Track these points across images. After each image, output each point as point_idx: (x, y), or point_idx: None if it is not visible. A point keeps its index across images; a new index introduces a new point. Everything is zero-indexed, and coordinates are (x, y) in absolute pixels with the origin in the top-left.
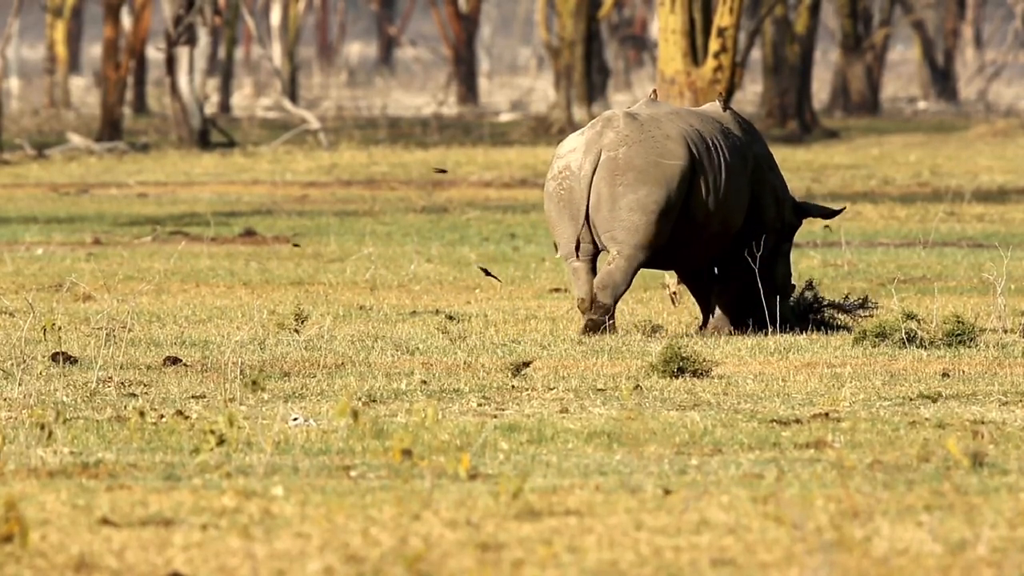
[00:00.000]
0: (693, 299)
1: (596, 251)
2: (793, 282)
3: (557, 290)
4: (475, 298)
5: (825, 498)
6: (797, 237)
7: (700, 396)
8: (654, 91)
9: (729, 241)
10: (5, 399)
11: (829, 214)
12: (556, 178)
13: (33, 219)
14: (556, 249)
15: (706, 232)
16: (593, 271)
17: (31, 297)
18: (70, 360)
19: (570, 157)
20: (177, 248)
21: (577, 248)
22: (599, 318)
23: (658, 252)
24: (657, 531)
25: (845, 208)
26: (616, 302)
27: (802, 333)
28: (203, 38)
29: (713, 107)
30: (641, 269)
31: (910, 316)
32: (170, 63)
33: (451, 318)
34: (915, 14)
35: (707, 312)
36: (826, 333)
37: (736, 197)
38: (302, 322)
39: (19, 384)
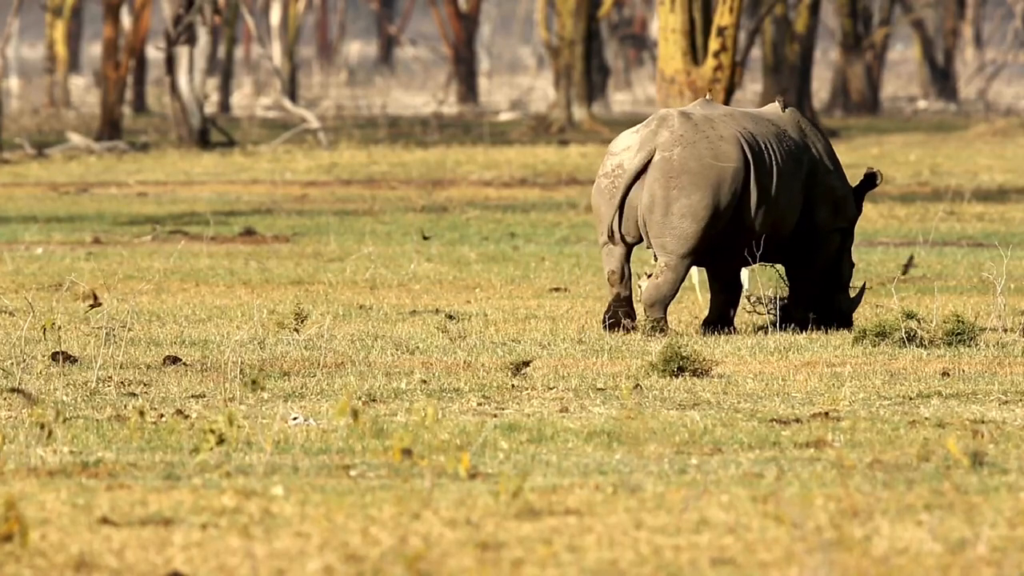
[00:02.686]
0: (707, 296)
1: (637, 243)
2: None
3: (557, 289)
4: (475, 297)
5: (825, 497)
6: None
7: (700, 395)
8: (709, 91)
9: (784, 243)
10: (5, 399)
11: (873, 179)
12: (608, 175)
13: (33, 218)
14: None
15: (756, 234)
16: (628, 252)
17: (31, 296)
18: (70, 359)
19: (624, 155)
20: (177, 247)
21: (611, 237)
22: (656, 325)
23: (704, 253)
24: (657, 530)
25: (878, 173)
26: (666, 311)
27: (802, 332)
28: (203, 37)
29: (772, 108)
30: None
31: (910, 315)
32: (170, 62)
33: (451, 317)
34: (915, 13)
35: (717, 309)
36: (826, 332)
37: (788, 200)
38: (302, 321)
39: (19, 384)
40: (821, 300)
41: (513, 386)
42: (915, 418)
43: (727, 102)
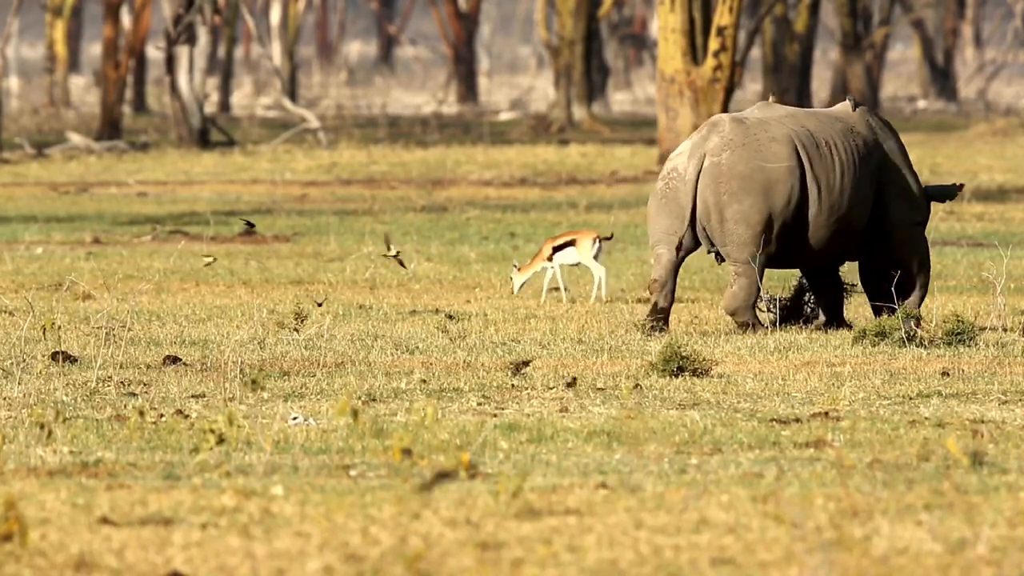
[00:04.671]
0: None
1: (695, 249)
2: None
3: (557, 289)
4: (475, 297)
5: (825, 497)
6: None
7: (700, 395)
8: (771, 93)
9: (854, 240)
10: (5, 398)
11: (952, 193)
12: (664, 179)
13: (33, 218)
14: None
15: (823, 231)
16: (677, 263)
17: (31, 296)
18: (70, 359)
19: (677, 160)
20: (177, 247)
21: (679, 247)
22: (743, 327)
23: (776, 254)
24: (657, 530)
25: (963, 185)
26: (754, 311)
27: (802, 332)
28: (203, 37)
29: (843, 107)
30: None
31: (910, 315)
32: (170, 62)
33: (451, 317)
34: (915, 13)
35: (827, 311)
36: (826, 332)
37: (855, 196)
38: (302, 321)
39: (19, 383)
40: (898, 295)
41: (513, 386)
42: (915, 418)
43: (727, 102)
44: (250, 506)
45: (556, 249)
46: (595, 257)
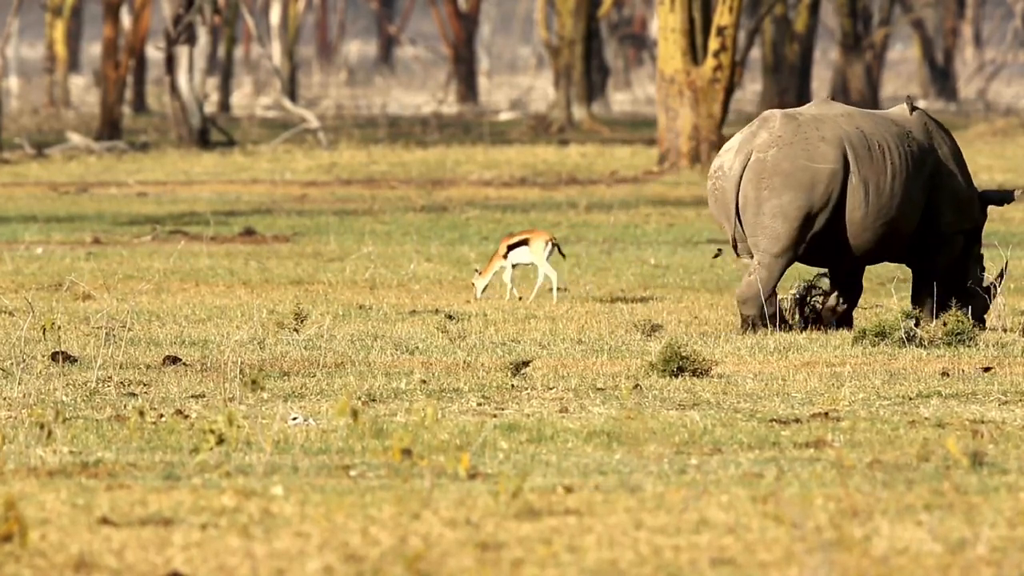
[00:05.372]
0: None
1: None
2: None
3: (557, 289)
4: (475, 297)
5: (825, 497)
6: None
7: (700, 395)
8: (831, 95)
9: (903, 244)
10: (5, 398)
11: (1008, 198)
12: (711, 177)
13: (33, 218)
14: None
15: (868, 233)
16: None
17: (31, 296)
18: (70, 359)
19: (724, 157)
20: (177, 247)
21: (735, 246)
22: (747, 322)
23: (814, 252)
24: (657, 530)
25: (1018, 190)
26: (762, 309)
27: (802, 332)
28: (203, 37)
29: (900, 109)
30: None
31: (910, 315)
32: (170, 62)
33: (451, 317)
34: (915, 13)
35: (847, 305)
36: (825, 332)
37: (905, 200)
38: (302, 321)
39: (19, 384)
40: (951, 300)
41: (513, 386)
42: (915, 418)
43: (727, 102)
44: (250, 506)
45: (511, 248)
46: (547, 258)
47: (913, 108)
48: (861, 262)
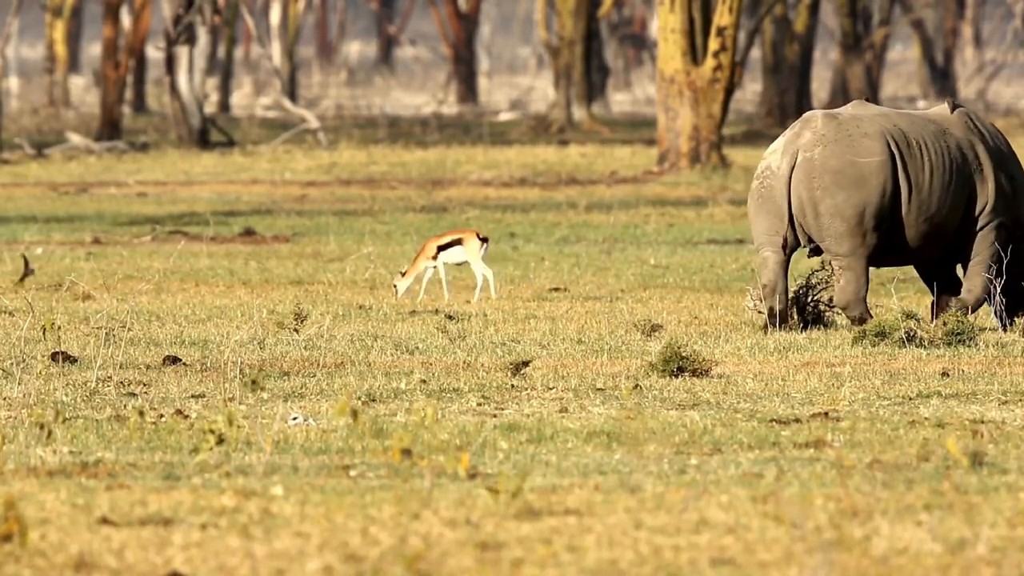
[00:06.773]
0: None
1: (798, 247)
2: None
3: (556, 289)
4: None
5: (824, 497)
6: None
7: (700, 396)
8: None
9: (947, 241)
10: (5, 398)
11: None
12: (759, 177)
13: (32, 218)
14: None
15: (912, 230)
16: (784, 262)
17: (31, 296)
18: (70, 359)
19: (771, 158)
20: (176, 247)
21: (784, 245)
22: (858, 322)
23: (878, 251)
24: (656, 530)
25: None
26: (865, 304)
27: (802, 332)
28: (203, 37)
29: (940, 109)
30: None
31: (910, 315)
32: (169, 62)
33: (450, 318)
34: (914, 13)
35: (936, 302)
36: (825, 332)
37: (944, 197)
38: (301, 321)
39: (19, 384)
40: (1006, 295)
41: (513, 386)
42: (915, 418)
43: (727, 102)
44: (250, 506)
45: (441, 248)
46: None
47: (955, 107)
48: (913, 260)
